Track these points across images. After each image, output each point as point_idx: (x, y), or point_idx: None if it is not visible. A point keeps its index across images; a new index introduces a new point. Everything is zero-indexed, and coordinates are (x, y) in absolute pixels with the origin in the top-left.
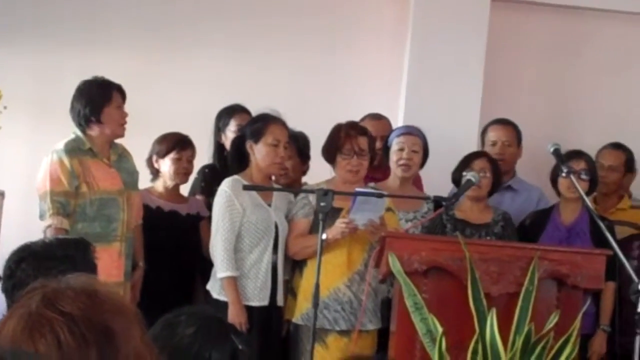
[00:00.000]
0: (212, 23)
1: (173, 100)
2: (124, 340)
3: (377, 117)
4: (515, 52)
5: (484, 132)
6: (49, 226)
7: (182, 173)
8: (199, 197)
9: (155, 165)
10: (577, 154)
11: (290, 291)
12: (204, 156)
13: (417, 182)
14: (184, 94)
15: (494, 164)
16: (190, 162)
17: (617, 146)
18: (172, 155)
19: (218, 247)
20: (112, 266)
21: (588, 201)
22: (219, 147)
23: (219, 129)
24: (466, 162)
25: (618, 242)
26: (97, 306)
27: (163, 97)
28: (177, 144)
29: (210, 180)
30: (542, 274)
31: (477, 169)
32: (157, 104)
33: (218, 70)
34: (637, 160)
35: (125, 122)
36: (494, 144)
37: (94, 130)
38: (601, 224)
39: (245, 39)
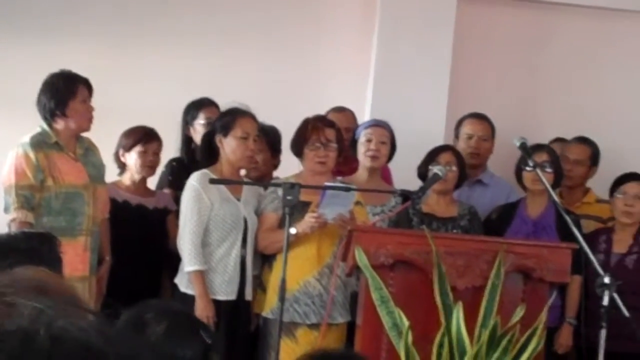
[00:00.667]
0: (180, 16)
1: (141, 93)
2: None
3: (340, 110)
4: (482, 46)
5: (458, 125)
6: (14, 219)
7: (148, 166)
8: (166, 190)
9: (122, 159)
10: (539, 147)
11: (260, 285)
12: (171, 150)
13: (386, 175)
14: (152, 87)
15: (459, 158)
16: (156, 154)
17: (583, 140)
18: (137, 148)
19: (186, 240)
20: (77, 260)
21: (555, 195)
22: (186, 140)
23: (187, 122)
24: (432, 155)
25: (584, 235)
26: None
27: (131, 90)
28: (142, 137)
29: (177, 174)
30: (508, 267)
31: (443, 163)
32: (125, 97)
33: (186, 64)
34: (606, 153)
35: (91, 116)
36: (469, 137)
37: (60, 124)
38: (567, 218)
39: (214, 32)
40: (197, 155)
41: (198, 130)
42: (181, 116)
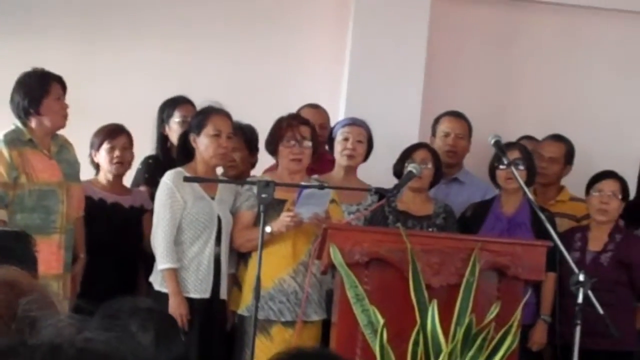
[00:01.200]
0: (155, 13)
1: (116, 91)
2: None
3: (314, 106)
4: (457, 43)
5: (435, 123)
6: None
7: (117, 162)
8: (142, 188)
9: (95, 159)
10: (510, 145)
11: (237, 283)
12: (148, 147)
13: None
14: (127, 84)
15: (435, 155)
16: (125, 149)
17: (558, 138)
18: (105, 145)
19: (159, 239)
20: (51, 258)
21: (529, 192)
22: (162, 138)
23: (163, 120)
24: (407, 153)
25: (560, 233)
26: (19, 297)
27: (107, 88)
28: (108, 134)
29: (153, 171)
30: (483, 265)
31: (419, 160)
32: (101, 95)
33: (161, 61)
34: (579, 150)
35: (65, 114)
36: (446, 135)
37: (34, 122)
38: (542, 215)
39: (189, 29)
40: (174, 153)
41: (173, 129)
42: (157, 114)
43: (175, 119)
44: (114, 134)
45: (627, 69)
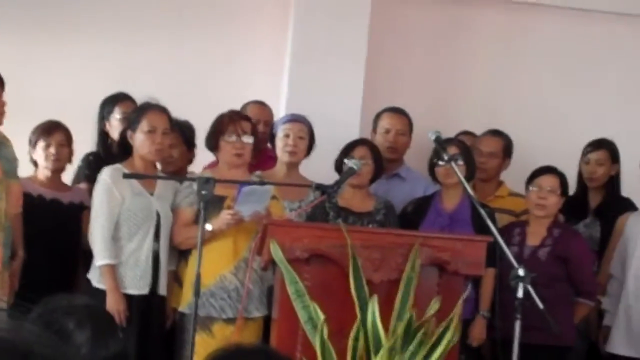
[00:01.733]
0: (96, 9)
1: (58, 87)
2: None
3: (258, 103)
4: (397, 40)
5: (376, 119)
6: None
7: (53, 159)
8: (83, 185)
9: (33, 156)
10: (448, 141)
11: (178, 280)
12: (89, 144)
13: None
14: (69, 81)
15: (375, 152)
16: (62, 146)
17: (496, 133)
18: (40, 143)
19: (96, 234)
20: None
21: (469, 188)
22: (103, 134)
23: (103, 116)
24: (347, 149)
25: (499, 229)
26: None
27: (48, 85)
28: (44, 131)
29: (94, 168)
30: (424, 260)
31: (358, 157)
32: (42, 91)
33: (102, 58)
34: (519, 146)
35: (3, 110)
36: (387, 131)
37: None
38: (482, 211)
39: (129, 26)
40: (114, 150)
41: (114, 125)
42: (97, 110)
43: (116, 116)
44: (50, 131)
45: (566, 64)
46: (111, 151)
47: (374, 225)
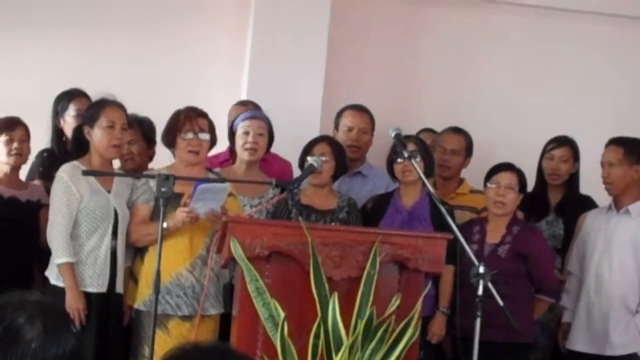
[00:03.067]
0: (53, 5)
1: (11, 84)
2: None
3: (244, 104)
4: (358, 36)
5: (338, 116)
6: None
7: (15, 154)
8: (36, 182)
9: None
10: (406, 137)
11: (132, 277)
12: (43, 140)
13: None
14: (23, 78)
15: (336, 149)
16: (23, 141)
17: (458, 130)
18: (2, 138)
19: (55, 233)
20: None
21: (429, 184)
22: (57, 131)
23: (57, 113)
24: (308, 147)
25: (459, 226)
26: None
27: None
28: (5, 126)
29: (48, 165)
30: (384, 257)
31: (318, 153)
32: None
33: (57, 54)
34: (479, 143)
35: None
36: (350, 129)
37: None
38: (442, 208)
39: (86, 21)
40: (69, 147)
41: (69, 122)
42: (52, 107)
43: (71, 112)
44: (12, 126)
45: (525, 62)
46: (66, 148)
47: (337, 222)
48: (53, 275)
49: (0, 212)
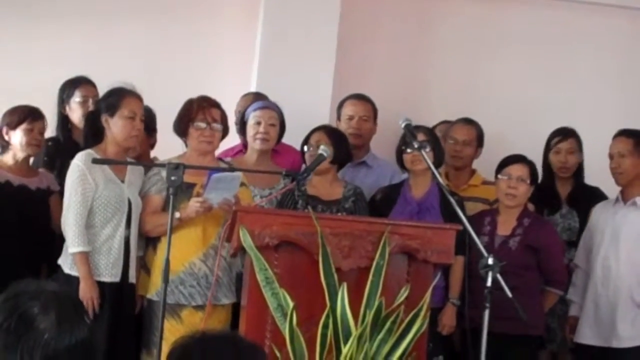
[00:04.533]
0: None
1: (21, 74)
2: None
3: (257, 95)
4: (368, 27)
5: (340, 107)
6: None
7: (34, 144)
8: (41, 170)
9: (6, 137)
10: (415, 128)
11: (144, 267)
12: (48, 130)
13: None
14: (31, 67)
15: (334, 136)
16: (42, 133)
17: (469, 121)
18: (24, 126)
19: (70, 221)
20: None
21: (438, 175)
22: (63, 119)
23: (63, 100)
24: (306, 137)
25: (469, 217)
26: None
27: (9, 72)
28: (28, 114)
29: (53, 154)
30: (393, 248)
31: (314, 143)
32: (4, 79)
33: (65, 43)
34: (490, 135)
35: None
36: (350, 118)
37: None
38: (451, 199)
39: (97, 10)
40: (75, 135)
41: (74, 108)
42: (57, 94)
43: (76, 99)
44: (35, 116)
45: (537, 54)
46: (71, 136)
47: (343, 212)
48: (67, 264)
49: (10, 199)
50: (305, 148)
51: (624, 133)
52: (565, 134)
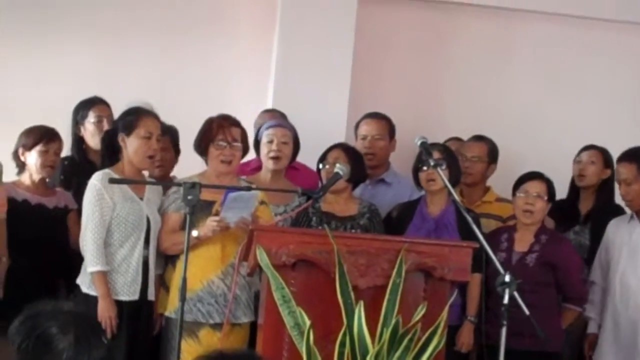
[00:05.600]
0: (79, 13)
1: (38, 93)
2: None
3: (270, 111)
4: (384, 46)
5: (356, 127)
6: None
7: (48, 166)
8: (57, 189)
9: (22, 158)
10: (432, 145)
11: (163, 285)
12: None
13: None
14: (47, 87)
15: (350, 154)
16: (57, 155)
17: (479, 138)
18: (38, 147)
19: (88, 241)
20: None
21: (454, 192)
22: (77, 139)
23: (77, 121)
24: (323, 154)
25: (486, 234)
26: None
27: (26, 89)
28: (43, 136)
29: (69, 173)
30: (410, 266)
31: (331, 161)
32: (21, 96)
33: (81, 62)
34: (505, 152)
35: None
36: (364, 138)
37: None
38: (467, 216)
39: (113, 29)
40: (89, 155)
41: (88, 129)
42: (71, 116)
43: (90, 120)
44: (50, 138)
45: (554, 70)
46: (86, 156)
47: (358, 229)
48: (85, 284)
49: (28, 218)
50: (321, 165)
51: (625, 158)
52: (589, 147)
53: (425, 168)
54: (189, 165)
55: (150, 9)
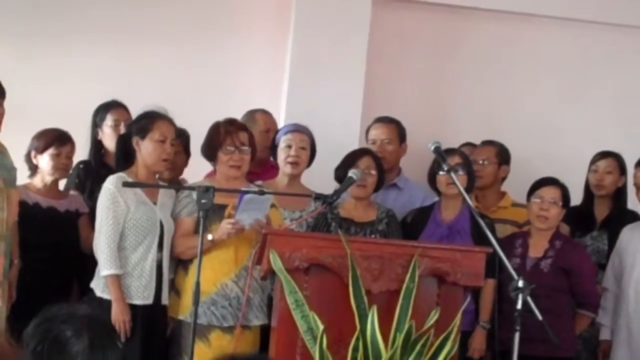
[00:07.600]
0: (92, 16)
1: (52, 95)
2: None
3: (266, 111)
4: (397, 49)
5: (367, 132)
6: None
7: (61, 169)
8: (72, 192)
9: (34, 161)
10: (451, 151)
11: (173, 289)
12: (81, 152)
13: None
14: (64, 89)
15: (378, 162)
16: (69, 157)
17: (488, 142)
18: (50, 150)
19: (102, 244)
20: None
21: (468, 198)
22: (96, 143)
23: (96, 124)
24: (351, 159)
25: (500, 240)
26: None
27: (41, 92)
28: (55, 139)
29: (84, 177)
30: (423, 271)
31: (363, 167)
32: (36, 99)
33: (96, 64)
34: (518, 157)
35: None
36: (373, 142)
37: None
38: (481, 221)
39: (126, 32)
40: (107, 158)
41: (106, 133)
42: (90, 119)
43: (108, 123)
44: (63, 141)
45: (568, 75)
46: (103, 160)
47: (376, 235)
48: (99, 287)
49: (39, 221)
50: (352, 173)
51: None
52: (606, 154)
53: (442, 172)
54: (200, 167)
55: (165, 12)
